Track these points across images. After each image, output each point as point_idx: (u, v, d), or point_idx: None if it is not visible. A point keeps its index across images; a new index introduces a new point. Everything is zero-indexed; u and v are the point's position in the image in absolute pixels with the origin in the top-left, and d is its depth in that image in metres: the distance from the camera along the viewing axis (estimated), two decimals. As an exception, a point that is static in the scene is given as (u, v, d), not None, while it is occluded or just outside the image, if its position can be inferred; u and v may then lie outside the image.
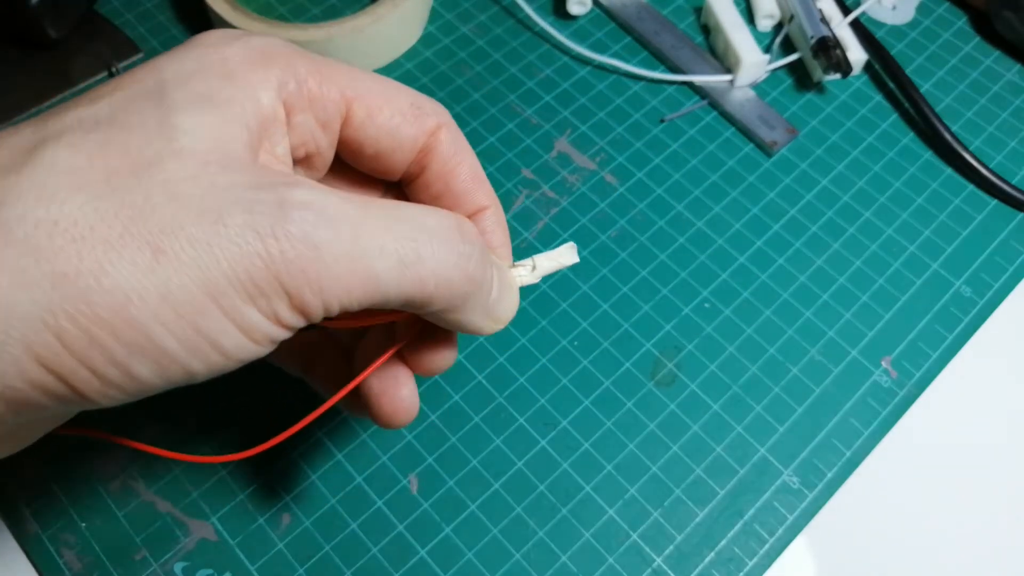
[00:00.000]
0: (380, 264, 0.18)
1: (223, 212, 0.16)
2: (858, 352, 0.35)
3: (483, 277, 0.21)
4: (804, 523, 0.31)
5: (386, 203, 0.19)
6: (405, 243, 0.19)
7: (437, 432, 0.33)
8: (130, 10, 0.45)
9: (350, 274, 0.18)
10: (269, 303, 0.17)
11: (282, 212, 0.17)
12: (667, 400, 0.34)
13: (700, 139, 0.41)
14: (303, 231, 0.17)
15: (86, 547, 0.30)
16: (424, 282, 0.19)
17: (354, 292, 0.18)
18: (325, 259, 0.17)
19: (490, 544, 0.31)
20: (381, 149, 0.22)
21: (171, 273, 0.16)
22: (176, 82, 0.18)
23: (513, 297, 0.23)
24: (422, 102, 0.23)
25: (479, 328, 0.22)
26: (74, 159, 0.16)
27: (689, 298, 0.36)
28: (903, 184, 0.40)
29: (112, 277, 0.16)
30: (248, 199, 0.17)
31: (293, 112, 0.20)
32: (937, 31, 0.45)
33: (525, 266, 0.25)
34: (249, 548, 0.30)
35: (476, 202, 0.24)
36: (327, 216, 0.17)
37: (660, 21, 0.44)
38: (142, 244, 0.16)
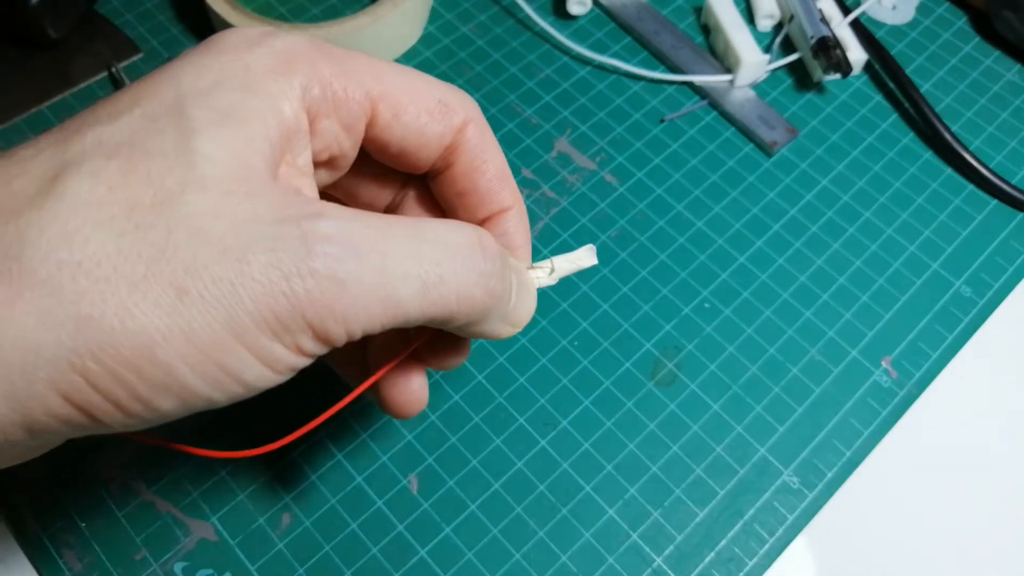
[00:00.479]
0: (403, 291, 0.18)
1: (246, 250, 0.16)
2: (858, 352, 0.35)
3: (504, 291, 0.21)
4: (804, 523, 0.31)
5: (410, 222, 0.19)
6: (428, 267, 0.19)
7: (437, 432, 0.33)
8: (130, 10, 0.44)
9: (374, 302, 0.18)
10: (293, 338, 0.17)
11: (306, 248, 0.17)
12: (667, 400, 0.34)
13: (700, 139, 0.41)
14: (328, 267, 0.17)
15: (86, 547, 0.30)
16: (447, 302, 0.19)
17: (376, 318, 0.18)
18: (350, 292, 0.17)
19: (490, 544, 0.31)
20: (407, 147, 0.22)
21: (195, 313, 0.16)
22: (195, 96, 0.18)
23: (531, 300, 0.23)
24: (449, 97, 0.22)
25: (497, 335, 0.22)
26: (96, 190, 0.16)
27: (689, 298, 0.36)
28: (903, 184, 0.40)
29: (137, 319, 0.16)
30: (271, 235, 0.17)
31: (317, 119, 0.20)
32: (937, 31, 0.45)
33: (543, 268, 0.24)
34: (249, 548, 0.30)
35: (500, 201, 0.23)
36: (352, 248, 0.17)
37: (660, 21, 0.44)
38: (166, 285, 0.16)
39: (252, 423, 0.33)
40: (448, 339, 0.24)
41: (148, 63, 0.42)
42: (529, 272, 0.24)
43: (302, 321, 0.17)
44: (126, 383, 0.16)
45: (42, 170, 0.17)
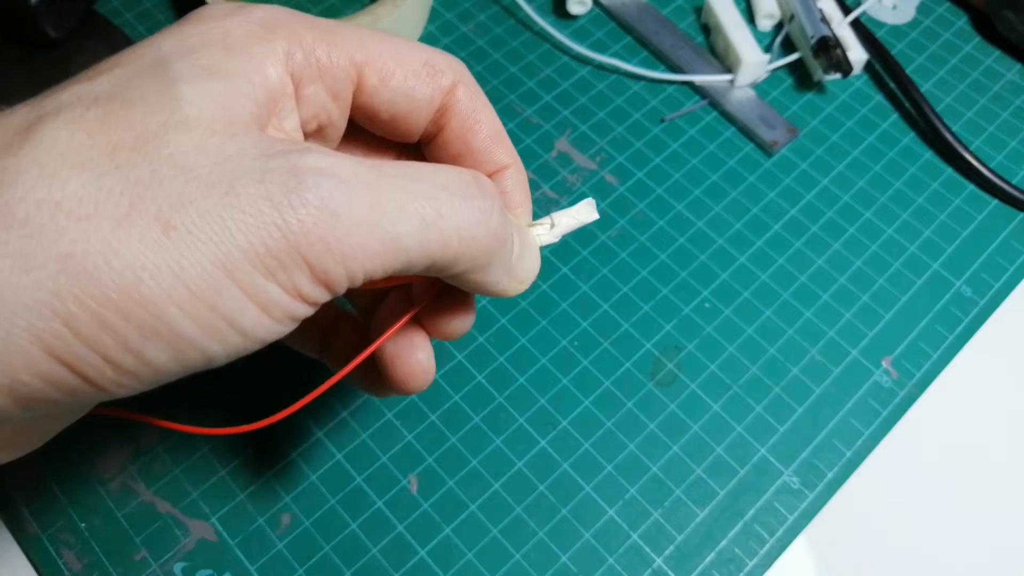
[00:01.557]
0: (402, 226, 0.17)
1: (234, 183, 0.16)
2: (858, 352, 0.35)
3: (506, 233, 0.20)
4: (804, 523, 0.31)
5: (400, 164, 0.19)
6: (424, 202, 0.18)
7: (437, 432, 0.33)
8: (129, 10, 0.44)
9: (372, 239, 0.17)
10: (289, 276, 0.16)
11: (296, 179, 0.16)
12: (667, 400, 0.34)
13: (700, 139, 0.41)
14: (319, 198, 0.16)
15: (86, 547, 0.30)
16: (448, 240, 0.18)
17: (377, 258, 0.17)
18: (345, 225, 0.16)
19: (490, 544, 0.31)
20: (397, 112, 0.21)
21: (183, 250, 0.15)
22: (177, 55, 0.18)
23: (534, 256, 0.23)
24: (436, 59, 0.22)
25: (503, 289, 0.21)
26: (74, 137, 0.16)
27: (689, 298, 0.36)
28: (903, 184, 0.40)
29: (122, 256, 0.15)
30: (259, 168, 0.16)
31: (302, 84, 0.19)
32: (938, 31, 0.45)
33: (544, 224, 0.24)
34: (249, 548, 0.30)
35: (496, 160, 0.23)
36: (343, 181, 0.17)
37: (660, 21, 0.44)
38: (151, 221, 0.15)
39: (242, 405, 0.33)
40: (451, 298, 0.23)
41: (148, 63, 0.42)
42: (530, 229, 0.23)
43: (297, 256, 0.16)
44: (114, 329, 0.15)
45: (16, 123, 0.16)
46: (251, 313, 0.16)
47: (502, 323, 0.35)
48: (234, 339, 0.16)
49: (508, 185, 0.23)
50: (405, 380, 0.23)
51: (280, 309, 0.17)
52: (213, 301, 0.16)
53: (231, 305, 0.16)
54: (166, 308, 0.15)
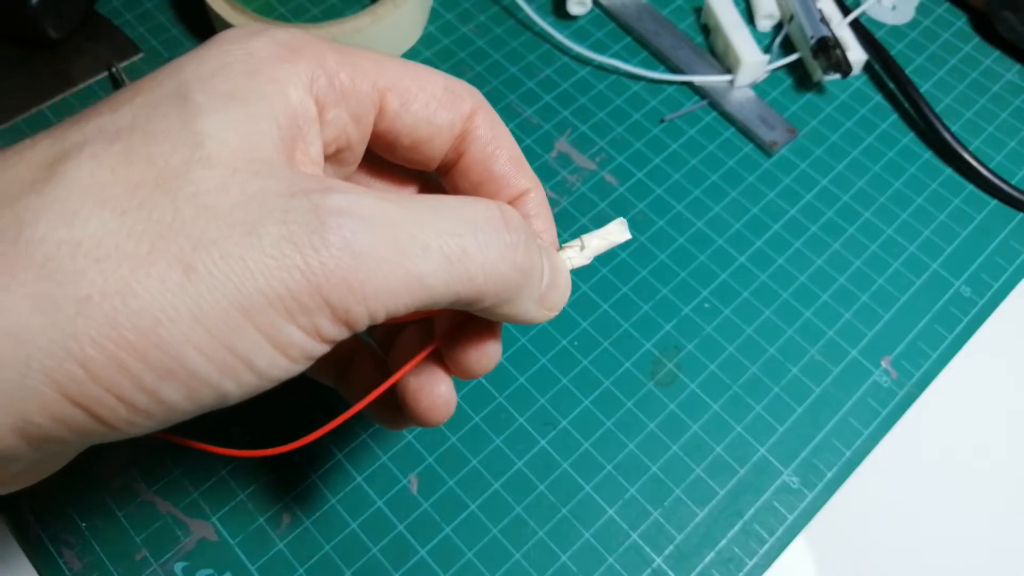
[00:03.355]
0: (426, 265, 0.17)
1: (256, 223, 0.16)
2: (858, 352, 0.35)
3: (532, 265, 0.20)
4: (804, 523, 0.31)
5: (423, 198, 0.18)
6: (448, 239, 0.18)
7: (437, 432, 0.33)
8: (130, 10, 0.45)
9: (395, 279, 0.17)
10: (310, 318, 0.16)
11: (318, 220, 0.16)
12: (667, 400, 0.34)
13: (700, 139, 0.41)
14: (342, 239, 0.16)
15: (86, 547, 0.30)
16: (473, 278, 0.18)
17: (400, 297, 0.17)
18: (367, 266, 0.16)
19: (490, 544, 0.31)
20: (418, 138, 0.21)
21: (203, 291, 0.15)
22: (198, 82, 0.17)
23: (564, 283, 0.22)
24: (455, 86, 0.22)
25: (531, 319, 0.21)
26: (96, 173, 0.15)
27: (689, 298, 0.36)
28: (903, 184, 0.40)
29: (140, 298, 0.15)
30: (281, 208, 0.16)
31: (326, 108, 0.19)
32: (937, 31, 0.45)
33: (573, 247, 0.23)
34: (249, 548, 0.30)
35: (518, 185, 0.23)
36: (365, 220, 0.16)
37: (660, 21, 0.44)
38: (172, 261, 0.15)
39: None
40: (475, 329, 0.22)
41: (148, 63, 0.43)
42: (559, 254, 0.23)
43: (319, 298, 0.16)
44: (130, 371, 0.15)
45: (40, 158, 0.16)
46: (268, 354, 0.16)
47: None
48: (249, 378, 0.16)
49: (531, 209, 0.23)
50: (428, 413, 0.23)
51: (298, 349, 0.17)
52: (231, 342, 0.16)
53: (248, 346, 0.16)
54: (183, 349, 0.15)
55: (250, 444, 0.23)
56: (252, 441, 0.32)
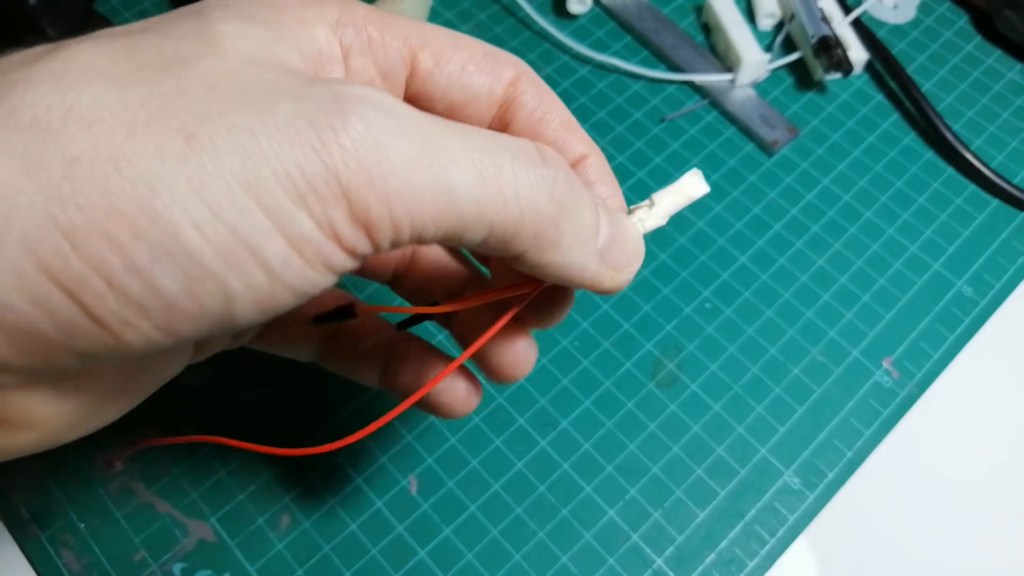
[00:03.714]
0: (456, 176, 0.15)
1: (270, 101, 0.14)
2: (859, 352, 0.35)
3: (577, 203, 0.18)
4: (805, 524, 0.31)
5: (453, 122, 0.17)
6: (482, 155, 0.16)
7: (437, 432, 0.33)
8: (128, 9, 0.44)
9: (421, 184, 0.15)
10: (324, 208, 0.14)
11: (338, 104, 0.14)
12: (667, 400, 0.34)
13: (701, 138, 0.41)
14: (364, 123, 0.14)
15: (85, 548, 0.30)
16: (507, 202, 0.16)
17: (427, 208, 0.15)
18: (392, 161, 0.14)
19: (490, 545, 0.31)
20: (454, 102, 0.20)
21: (205, 162, 0.13)
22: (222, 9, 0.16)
23: (632, 242, 0.20)
24: (495, 52, 0.20)
25: (593, 274, 0.19)
26: (96, 57, 0.14)
27: (690, 298, 0.36)
28: (904, 184, 0.39)
29: (135, 165, 0.13)
30: (298, 92, 0.14)
31: (350, 55, 0.18)
32: (938, 30, 0.45)
33: (642, 207, 0.21)
34: (248, 549, 0.30)
35: (573, 151, 0.21)
36: (392, 114, 0.15)
37: (660, 20, 0.44)
38: (172, 131, 0.13)
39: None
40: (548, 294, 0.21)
41: (147, 62, 0.42)
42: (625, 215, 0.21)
43: (336, 185, 0.14)
44: (121, 247, 0.13)
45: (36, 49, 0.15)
46: (278, 245, 0.14)
47: (502, 323, 0.35)
48: (258, 276, 0.14)
49: (592, 175, 0.21)
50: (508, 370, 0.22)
51: (312, 248, 0.15)
52: (234, 223, 0.14)
53: (255, 232, 0.14)
54: (181, 225, 0.13)
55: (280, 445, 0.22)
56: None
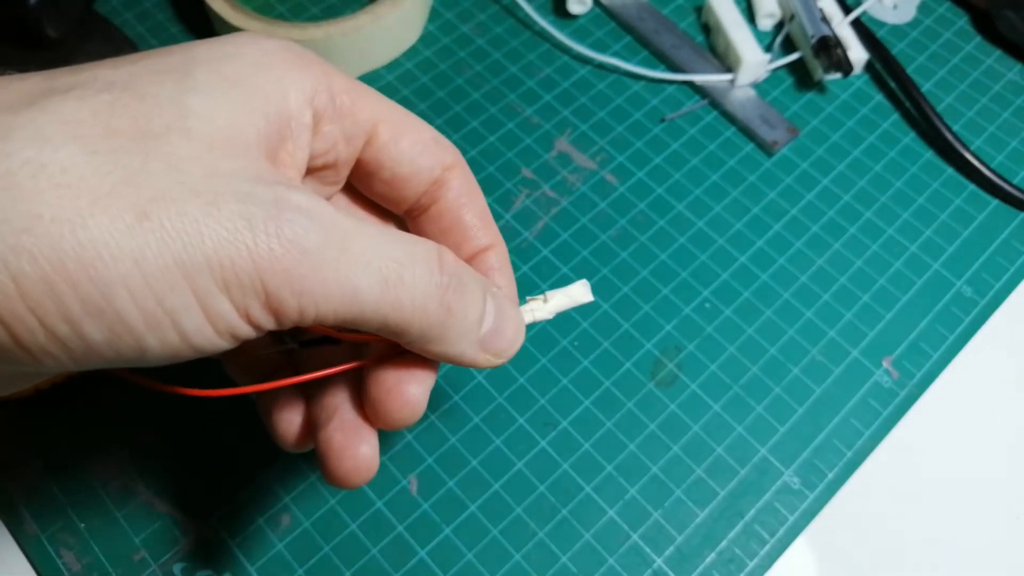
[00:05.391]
0: (364, 279, 0.18)
1: (219, 196, 0.16)
2: (859, 352, 0.35)
3: (462, 307, 0.21)
4: (805, 524, 0.31)
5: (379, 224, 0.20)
6: (391, 264, 0.19)
7: (437, 432, 0.33)
8: (129, 9, 0.44)
9: (332, 283, 0.17)
10: (244, 297, 0.17)
11: (277, 211, 0.17)
12: (667, 400, 0.34)
13: (701, 139, 0.41)
14: (295, 233, 0.17)
15: (85, 548, 0.30)
16: (402, 305, 0.19)
17: (332, 301, 0.18)
18: (311, 264, 0.17)
19: (490, 545, 0.31)
20: (399, 174, 0.23)
21: (151, 240, 0.15)
22: (204, 62, 0.18)
23: (513, 331, 0.23)
24: (441, 139, 0.23)
25: (470, 360, 0.22)
26: (78, 112, 0.16)
27: (690, 298, 0.36)
28: (904, 184, 0.39)
29: (89, 231, 0.15)
30: (245, 191, 0.17)
31: (322, 121, 0.20)
32: (938, 30, 0.45)
33: (537, 300, 0.24)
34: (248, 549, 0.30)
35: (483, 240, 0.24)
36: (321, 223, 0.17)
37: (660, 20, 0.44)
38: (128, 206, 0.15)
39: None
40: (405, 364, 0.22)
41: (147, 62, 0.42)
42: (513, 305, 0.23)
43: (258, 281, 0.16)
44: (59, 297, 0.15)
45: (27, 88, 0.16)
46: (196, 318, 0.16)
47: (502, 323, 0.35)
48: (172, 338, 0.17)
49: (493, 263, 0.24)
50: (348, 475, 0.22)
51: (225, 323, 0.17)
52: (163, 295, 0.16)
53: (179, 306, 0.16)
54: (116, 290, 0.15)
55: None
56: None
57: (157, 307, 0.16)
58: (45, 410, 0.33)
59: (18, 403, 0.33)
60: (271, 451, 0.32)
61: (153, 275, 0.16)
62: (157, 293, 0.16)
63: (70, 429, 0.33)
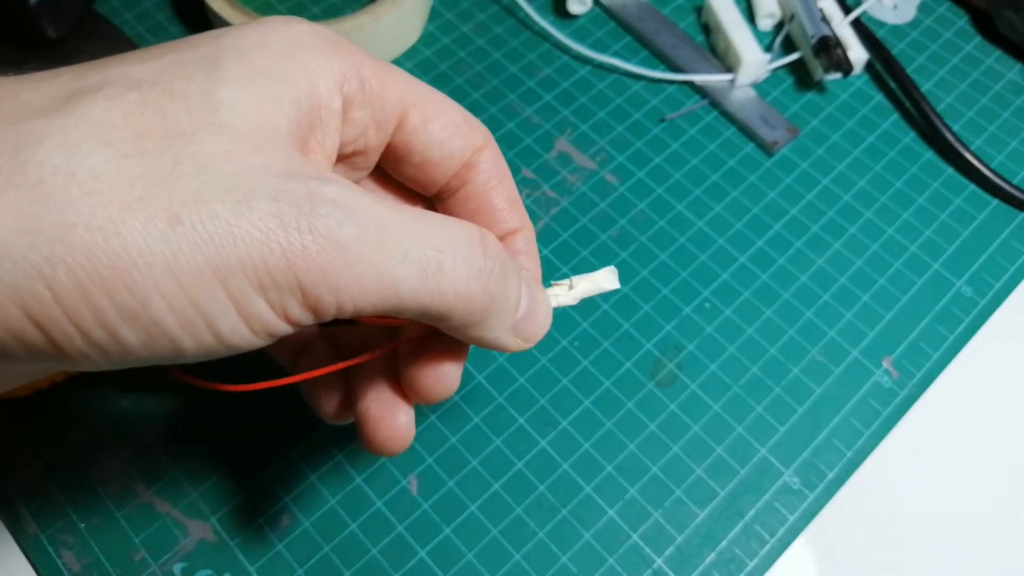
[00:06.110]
0: (401, 271, 0.18)
1: (250, 194, 0.16)
2: (859, 352, 0.35)
3: (505, 293, 0.20)
4: (805, 524, 0.31)
5: (414, 210, 0.19)
6: (429, 252, 0.18)
7: (437, 432, 0.33)
8: (129, 9, 0.44)
9: (369, 277, 0.17)
10: (280, 296, 0.16)
11: (310, 206, 0.16)
12: (667, 400, 0.34)
13: (701, 139, 0.41)
14: (328, 228, 0.16)
15: (85, 548, 0.30)
16: (444, 294, 0.19)
17: (371, 295, 0.17)
18: (346, 259, 0.17)
19: (490, 545, 0.31)
20: (429, 158, 0.22)
21: (184, 245, 0.15)
22: (232, 53, 0.18)
23: (543, 316, 0.23)
24: (472, 119, 0.23)
25: (504, 345, 0.22)
26: (108, 114, 0.16)
27: (690, 298, 0.36)
28: (904, 184, 0.39)
29: (122, 237, 0.15)
30: (277, 187, 0.16)
31: (352, 107, 0.20)
32: (938, 30, 0.45)
33: (562, 285, 0.24)
34: (248, 549, 0.30)
35: (511, 222, 0.24)
36: (355, 215, 0.17)
37: (660, 20, 0.44)
38: (160, 210, 0.15)
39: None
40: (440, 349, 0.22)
41: (147, 62, 0.42)
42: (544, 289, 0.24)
43: (293, 279, 0.16)
44: (95, 304, 0.15)
45: (57, 90, 0.16)
46: (232, 321, 0.16)
47: (502, 323, 0.35)
48: (208, 340, 0.17)
49: (520, 246, 0.24)
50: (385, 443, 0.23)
51: (261, 324, 0.17)
52: (198, 300, 0.16)
53: (215, 308, 0.16)
54: (151, 295, 0.15)
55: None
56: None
57: (192, 310, 0.16)
58: (45, 410, 0.33)
59: (18, 403, 0.33)
60: (271, 451, 0.32)
61: (187, 279, 0.16)
62: (192, 297, 0.16)
63: (70, 429, 0.32)
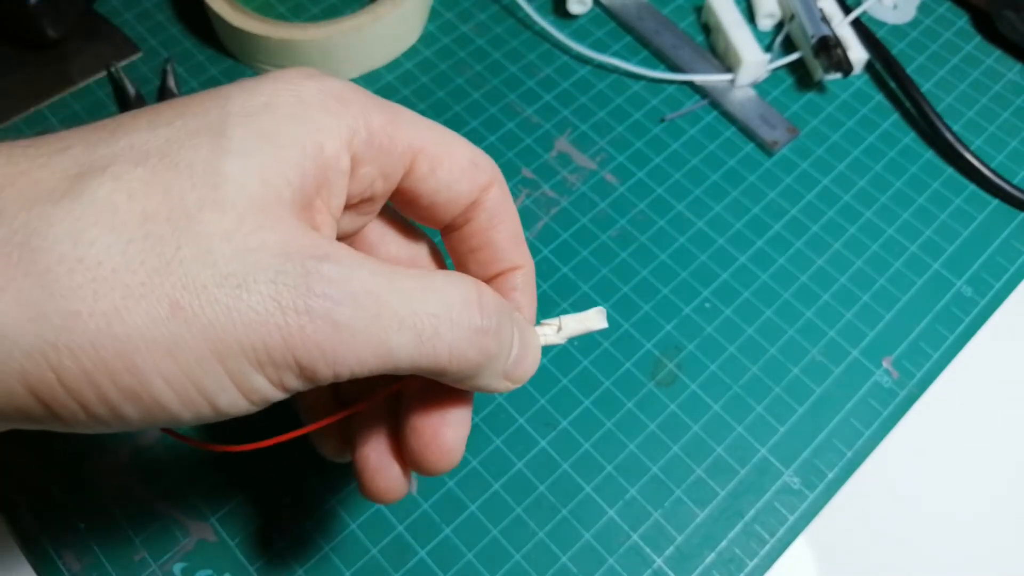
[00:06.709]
0: (396, 339, 0.18)
1: (248, 278, 0.16)
2: (859, 352, 0.35)
3: (499, 349, 0.21)
4: (805, 524, 0.31)
5: (411, 273, 0.19)
6: (425, 320, 0.19)
7: (437, 432, 0.33)
8: (129, 9, 0.44)
9: (366, 347, 0.18)
10: (278, 371, 0.17)
11: (307, 287, 0.17)
12: (667, 400, 0.34)
13: (701, 138, 0.41)
14: (325, 308, 0.17)
15: (85, 548, 0.30)
16: (438, 356, 0.19)
17: (367, 363, 0.18)
18: (343, 336, 0.17)
19: (490, 545, 0.31)
20: (436, 201, 0.22)
21: (184, 330, 0.16)
22: (240, 117, 0.18)
23: (532, 357, 0.23)
24: (479, 158, 0.23)
25: (494, 389, 0.22)
26: (114, 196, 0.16)
27: (689, 298, 0.36)
28: (904, 184, 0.39)
29: (124, 324, 0.16)
30: (274, 268, 0.17)
31: (360, 164, 0.20)
32: (938, 30, 0.45)
33: (551, 326, 0.24)
34: (248, 549, 0.30)
35: (512, 260, 0.24)
36: (352, 293, 0.17)
37: (660, 20, 0.44)
38: (161, 297, 0.16)
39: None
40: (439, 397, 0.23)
41: (147, 62, 0.42)
42: (535, 330, 0.24)
43: (291, 357, 0.17)
44: (97, 386, 0.16)
45: (66, 166, 0.17)
46: (231, 395, 0.17)
47: (502, 323, 0.35)
48: (206, 412, 0.17)
49: (518, 284, 0.24)
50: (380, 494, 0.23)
51: (260, 396, 0.18)
52: (198, 380, 0.17)
53: (214, 386, 0.17)
54: (152, 378, 0.16)
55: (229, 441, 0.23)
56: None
57: (192, 389, 0.17)
58: (45, 410, 0.33)
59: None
60: (271, 451, 0.32)
61: (187, 362, 0.16)
62: (192, 378, 0.16)
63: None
